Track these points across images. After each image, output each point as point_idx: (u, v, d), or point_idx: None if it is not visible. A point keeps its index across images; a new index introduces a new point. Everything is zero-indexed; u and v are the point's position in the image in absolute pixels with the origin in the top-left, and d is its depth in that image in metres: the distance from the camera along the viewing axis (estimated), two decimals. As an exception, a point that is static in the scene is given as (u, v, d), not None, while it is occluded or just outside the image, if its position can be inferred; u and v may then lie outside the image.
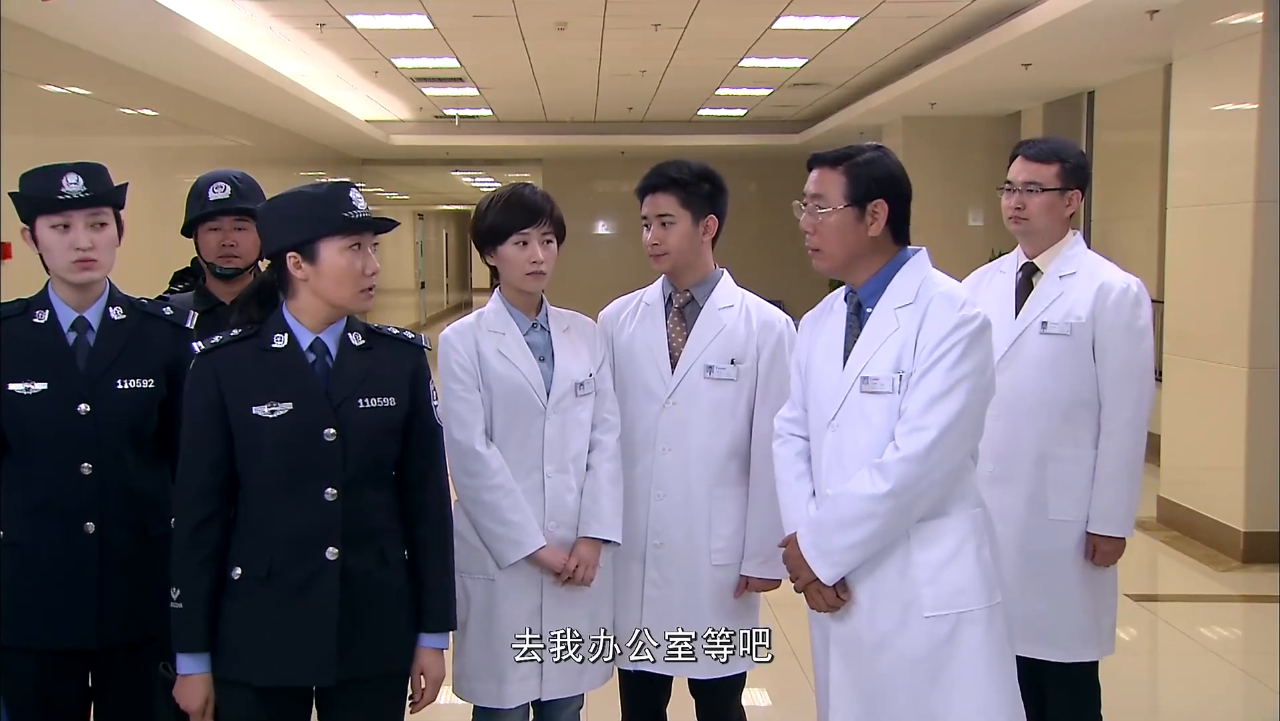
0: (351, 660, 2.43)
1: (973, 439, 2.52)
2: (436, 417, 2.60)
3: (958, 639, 2.46)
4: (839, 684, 2.57)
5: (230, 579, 2.41)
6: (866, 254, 2.56)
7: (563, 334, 3.02)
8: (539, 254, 2.93)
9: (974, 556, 2.49)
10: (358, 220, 2.40)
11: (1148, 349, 3.25)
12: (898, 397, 2.48)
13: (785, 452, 2.73)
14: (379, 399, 2.46)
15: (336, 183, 2.44)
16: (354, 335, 2.49)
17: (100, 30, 7.73)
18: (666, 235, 3.04)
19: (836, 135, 14.82)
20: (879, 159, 2.56)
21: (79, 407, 2.63)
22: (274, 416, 2.37)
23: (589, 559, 2.95)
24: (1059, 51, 8.90)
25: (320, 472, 2.39)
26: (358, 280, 2.40)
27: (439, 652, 2.59)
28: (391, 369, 2.51)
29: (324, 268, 2.39)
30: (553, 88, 13.01)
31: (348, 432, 2.40)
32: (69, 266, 2.65)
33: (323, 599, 2.39)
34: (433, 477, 2.57)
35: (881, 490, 2.43)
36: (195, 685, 2.41)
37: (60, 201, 2.63)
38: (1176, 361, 7.17)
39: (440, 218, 31.09)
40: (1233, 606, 6.03)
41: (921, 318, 2.48)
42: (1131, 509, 3.24)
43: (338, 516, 2.40)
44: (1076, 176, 3.30)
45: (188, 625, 2.39)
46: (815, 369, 2.65)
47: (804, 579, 2.56)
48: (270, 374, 2.40)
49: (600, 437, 3.02)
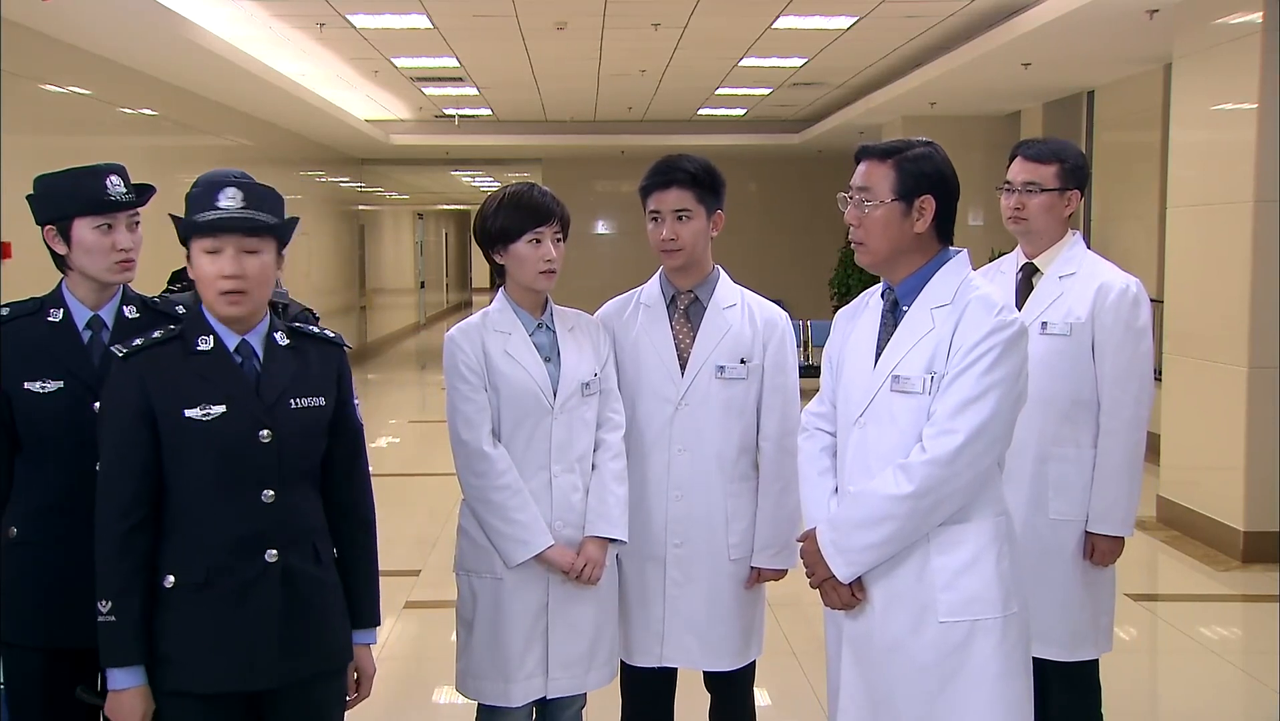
0: (295, 660, 2.42)
1: (1001, 446, 2.47)
2: (359, 417, 2.62)
3: (971, 647, 2.43)
4: (850, 683, 2.56)
5: (162, 588, 2.35)
6: (910, 250, 2.52)
7: (568, 333, 3.02)
8: (551, 252, 2.93)
9: (993, 564, 2.45)
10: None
11: (1147, 349, 3.25)
12: (927, 399, 2.44)
13: (810, 447, 2.71)
14: (309, 398, 2.45)
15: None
16: (279, 335, 2.47)
17: (100, 30, 7.73)
18: (683, 230, 3.03)
19: (836, 135, 14.84)
20: (930, 155, 2.51)
21: (94, 406, 2.64)
22: (207, 419, 2.34)
23: (597, 558, 2.95)
24: (1059, 51, 8.90)
25: (257, 475, 2.38)
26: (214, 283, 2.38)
27: (368, 648, 2.61)
28: (319, 368, 2.50)
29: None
30: (552, 87, 13.01)
31: (282, 433, 2.39)
32: (111, 267, 2.67)
33: (265, 601, 2.38)
34: (357, 475, 2.59)
35: (905, 491, 2.40)
36: (133, 699, 2.33)
37: (109, 203, 2.65)
38: (1176, 361, 7.17)
39: (440, 217, 31.09)
40: (1232, 606, 6.03)
41: (958, 319, 2.44)
42: (1131, 508, 3.24)
43: (276, 517, 2.39)
44: (1075, 177, 3.31)
45: (121, 637, 2.31)
46: (846, 365, 2.63)
47: (820, 575, 2.54)
48: (199, 376, 2.36)
49: (605, 436, 3.03)
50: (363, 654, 2.59)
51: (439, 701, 4.58)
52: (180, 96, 10.12)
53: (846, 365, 2.63)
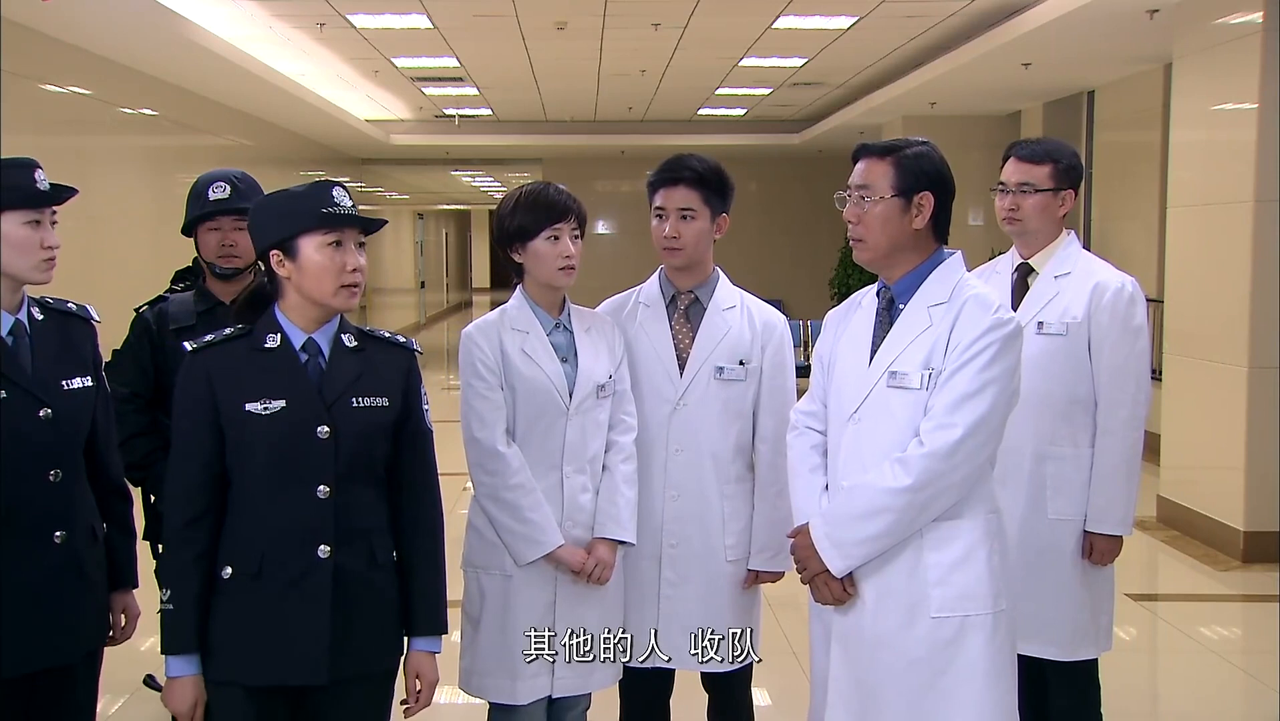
0: (342, 659, 2.42)
1: (995, 442, 2.50)
2: (428, 422, 2.60)
3: (961, 642, 2.45)
4: (838, 679, 2.57)
5: (220, 578, 2.39)
6: (908, 247, 2.55)
7: (585, 334, 3.02)
8: (570, 248, 2.93)
9: (985, 561, 2.48)
10: (336, 216, 2.39)
11: (1143, 347, 3.25)
12: (924, 394, 2.47)
13: (800, 445, 2.72)
14: (372, 398, 2.46)
15: (321, 181, 2.44)
16: (347, 336, 2.49)
17: (100, 30, 7.74)
18: (685, 229, 3.03)
19: (836, 135, 14.83)
20: (928, 152, 2.55)
21: (41, 412, 2.61)
22: (267, 413, 2.36)
23: (607, 559, 2.96)
24: (1059, 51, 8.90)
25: (313, 470, 2.39)
26: (337, 276, 2.39)
27: (432, 656, 2.59)
28: (384, 370, 2.51)
29: (304, 264, 2.39)
30: (553, 87, 13.01)
31: (340, 430, 2.40)
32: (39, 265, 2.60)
33: (315, 596, 2.39)
34: (424, 481, 2.57)
35: (903, 484, 2.42)
36: (185, 687, 2.38)
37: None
38: (1176, 361, 7.17)
39: (440, 217, 31.09)
40: (1232, 606, 6.03)
41: (955, 317, 2.47)
42: (1129, 507, 3.24)
43: (330, 514, 2.40)
44: (1069, 176, 3.31)
45: (180, 626, 2.36)
46: (839, 362, 2.65)
47: (812, 569, 2.55)
48: (263, 372, 2.39)
49: (617, 439, 3.02)
50: (424, 661, 2.57)
51: (440, 701, 4.55)
52: (180, 96, 10.12)
53: (839, 362, 2.65)
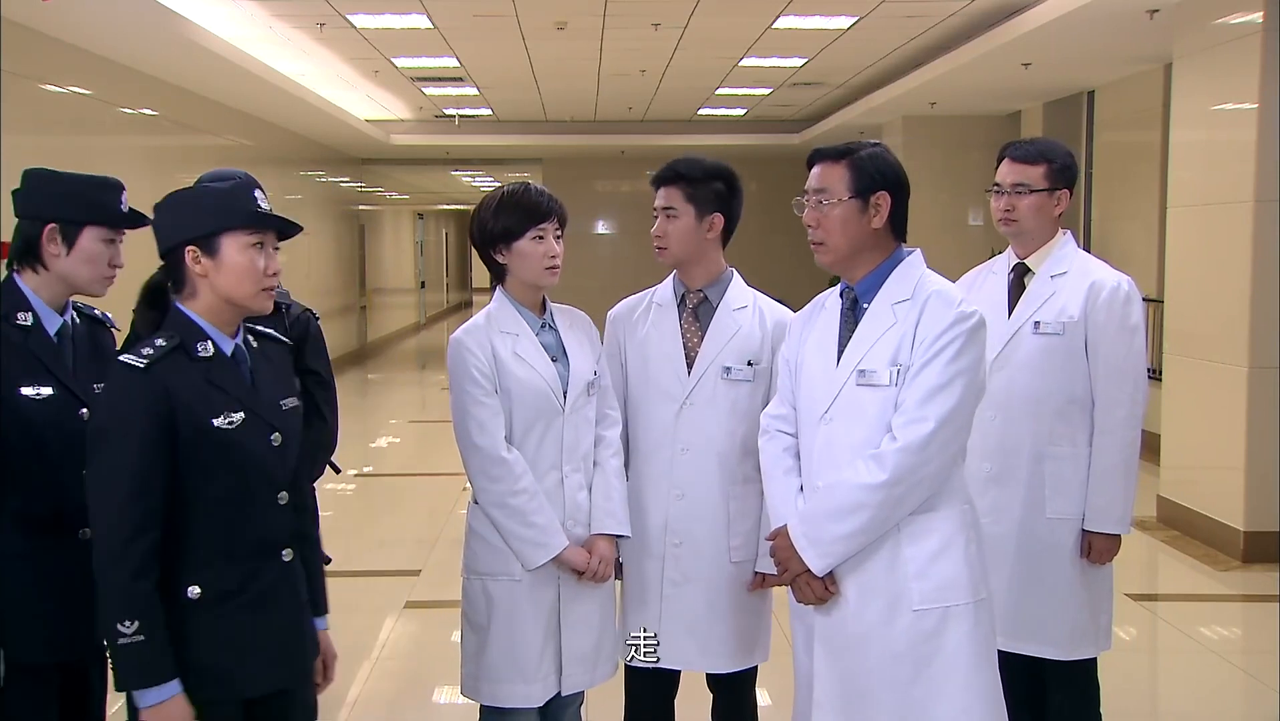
0: (310, 653, 2.50)
1: (965, 434, 2.55)
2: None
3: (944, 633, 2.48)
4: (824, 678, 2.58)
5: (185, 599, 2.27)
6: (868, 248, 2.60)
7: (569, 331, 3.03)
8: (555, 247, 2.94)
9: (962, 551, 2.52)
10: (264, 216, 2.34)
11: (1140, 347, 3.26)
12: (894, 390, 2.50)
13: (772, 448, 2.74)
14: (289, 399, 2.47)
15: (243, 180, 2.38)
16: (251, 338, 2.46)
17: (100, 30, 7.74)
18: (668, 227, 3.05)
19: (837, 135, 14.83)
20: (881, 153, 2.62)
21: (81, 412, 2.63)
22: (232, 427, 2.30)
23: (609, 555, 2.97)
24: (1059, 51, 8.90)
25: (274, 478, 2.39)
26: (259, 278, 2.33)
27: (326, 634, 2.64)
28: (283, 368, 2.52)
29: (224, 263, 2.30)
30: (553, 87, 13.02)
31: (286, 435, 2.41)
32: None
33: (287, 600, 2.41)
34: (304, 472, 2.61)
35: (878, 480, 2.44)
36: (179, 705, 2.25)
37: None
38: (1176, 361, 7.17)
39: (440, 217, 31.10)
40: (1232, 606, 6.03)
41: (920, 313, 2.51)
42: (1127, 506, 3.24)
43: (289, 519, 2.43)
44: (1064, 176, 3.31)
45: (157, 655, 2.22)
46: (807, 364, 2.68)
47: (793, 570, 2.57)
48: (211, 384, 2.31)
49: (604, 433, 3.03)
50: (326, 639, 2.62)
51: (439, 701, 4.58)
52: (180, 96, 10.12)
53: (806, 365, 2.68)
